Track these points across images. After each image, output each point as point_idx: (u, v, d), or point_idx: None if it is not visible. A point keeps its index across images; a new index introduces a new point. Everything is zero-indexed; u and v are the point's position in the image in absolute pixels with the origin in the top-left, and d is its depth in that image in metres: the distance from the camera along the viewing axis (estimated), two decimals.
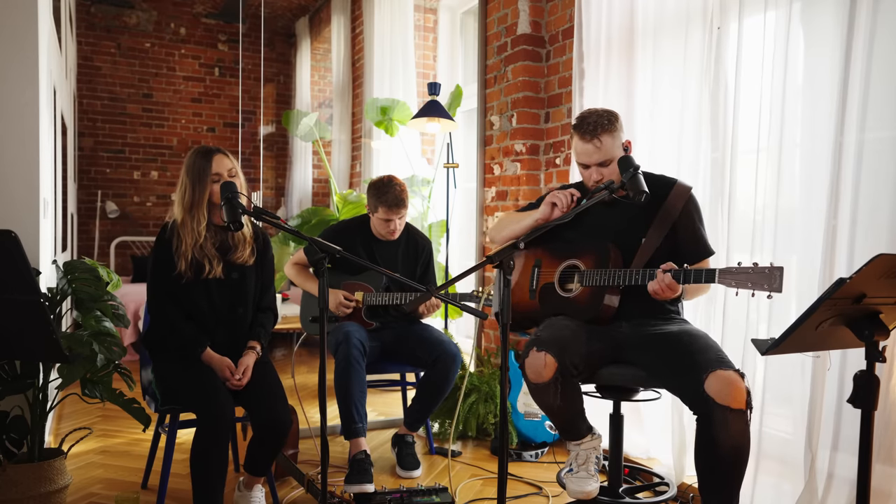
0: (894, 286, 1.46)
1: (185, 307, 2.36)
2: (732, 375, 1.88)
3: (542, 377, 2.05)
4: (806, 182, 2.26)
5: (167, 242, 2.34)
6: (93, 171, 6.45)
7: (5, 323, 1.73)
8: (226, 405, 2.16)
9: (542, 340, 2.08)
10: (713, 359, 1.94)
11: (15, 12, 2.51)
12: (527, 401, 3.21)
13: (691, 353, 2.00)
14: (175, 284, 2.34)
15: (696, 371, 1.92)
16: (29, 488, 2.20)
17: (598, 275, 2.16)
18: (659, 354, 2.08)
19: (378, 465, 2.95)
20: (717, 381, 1.87)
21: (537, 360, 2.05)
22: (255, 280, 2.48)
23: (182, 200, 2.33)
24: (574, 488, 2.16)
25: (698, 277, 1.94)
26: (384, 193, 2.88)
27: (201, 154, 2.33)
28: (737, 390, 1.85)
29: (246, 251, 2.43)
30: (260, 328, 2.48)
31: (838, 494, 2.13)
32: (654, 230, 2.19)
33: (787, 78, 2.28)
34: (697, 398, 1.91)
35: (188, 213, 2.32)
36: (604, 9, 3.08)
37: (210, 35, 6.81)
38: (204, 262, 2.34)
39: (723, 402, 1.85)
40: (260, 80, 6.37)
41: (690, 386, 1.93)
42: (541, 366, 2.04)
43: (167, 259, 2.33)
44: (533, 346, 2.07)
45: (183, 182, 2.34)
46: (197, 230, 2.32)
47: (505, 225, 2.48)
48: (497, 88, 3.85)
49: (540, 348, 2.05)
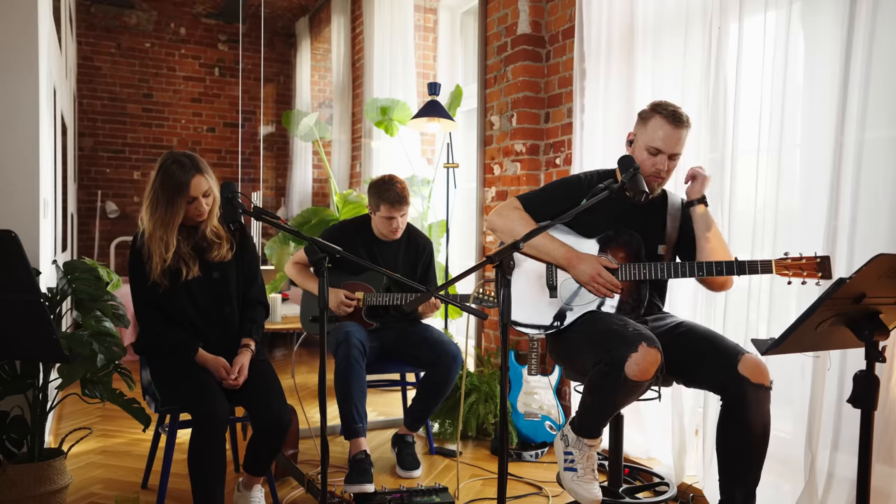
0: (894, 286, 1.46)
1: (171, 314, 2.34)
2: (758, 358, 1.97)
3: (648, 374, 1.93)
4: (806, 182, 2.26)
5: (138, 253, 2.31)
6: (93, 171, 6.44)
7: (5, 323, 1.73)
8: (220, 405, 2.15)
9: (647, 336, 1.97)
10: (734, 344, 2.05)
11: (15, 12, 2.51)
12: (527, 401, 3.21)
13: (713, 340, 2.08)
14: (154, 293, 2.31)
15: (727, 355, 1.99)
16: (29, 488, 2.20)
17: (638, 268, 2.15)
18: (683, 345, 2.11)
19: (378, 465, 2.95)
20: (750, 363, 1.96)
21: (650, 355, 1.92)
22: (238, 275, 2.46)
23: (152, 214, 2.26)
24: (583, 493, 2.11)
25: (754, 269, 2.01)
26: (386, 191, 2.88)
27: (178, 166, 2.25)
28: (765, 371, 1.97)
29: (223, 248, 2.39)
30: (251, 323, 2.46)
31: (838, 494, 2.13)
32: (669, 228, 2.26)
33: (787, 78, 2.28)
34: (730, 380, 1.96)
35: (157, 229, 2.26)
36: (604, 9, 3.08)
37: (210, 35, 6.81)
38: (180, 265, 2.31)
39: (757, 381, 1.94)
40: (260, 80, 6.37)
41: (722, 370, 1.98)
42: (652, 362, 1.93)
43: (141, 270, 2.30)
44: (641, 340, 1.94)
45: (155, 193, 2.26)
46: (165, 246, 2.27)
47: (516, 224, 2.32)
48: (497, 88, 3.84)
49: (650, 343, 1.94)
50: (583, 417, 2.13)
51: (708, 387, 2.10)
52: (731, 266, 2.03)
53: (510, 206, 2.33)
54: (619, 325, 2.06)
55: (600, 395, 2.04)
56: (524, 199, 2.35)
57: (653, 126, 2.17)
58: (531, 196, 2.38)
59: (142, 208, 2.32)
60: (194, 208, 2.30)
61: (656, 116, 2.17)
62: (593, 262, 2.16)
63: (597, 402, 2.06)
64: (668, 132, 2.14)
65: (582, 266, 2.16)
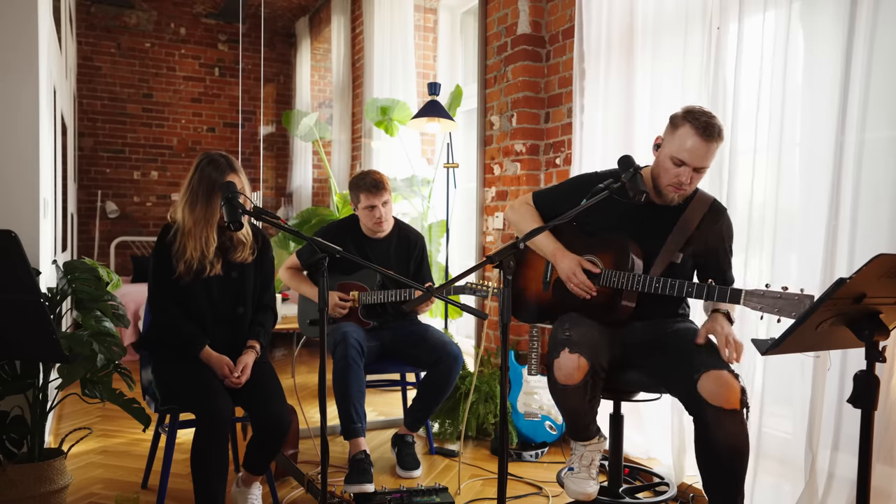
0: (894, 286, 1.46)
1: (186, 307, 2.36)
2: (725, 375, 1.86)
3: (573, 379, 1.99)
4: (806, 182, 2.26)
5: (168, 246, 2.34)
6: (93, 171, 6.44)
7: (5, 323, 1.73)
8: (223, 404, 2.16)
9: (574, 341, 2.01)
10: (706, 359, 1.92)
11: (15, 12, 2.51)
12: (527, 401, 3.21)
13: (688, 352, 1.99)
14: (175, 286, 2.34)
15: (689, 371, 1.91)
16: (29, 488, 2.20)
17: (619, 277, 2.09)
18: (661, 356, 2.08)
19: (378, 465, 2.95)
20: (710, 382, 1.86)
21: (570, 361, 1.99)
22: (255, 279, 2.49)
23: (191, 211, 2.30)
24: (574, 488, 2.15)
25: (722, 296, 1.90)
26: (361, 180, 2.92)
27: (214, 166, 2.30)
28: (730, 390, 1.84)
29: (246, 251, 2.43)
30: (259, 327, 2.48)
31: (838, 494, 2.12)
32: (673, 237, 2.15)
33: (786, 78, 2.28)
34: (691, 399, 1.90)
35: (196, 226, 2.31)
36: (604, 9, 3.08)
37: (210, 35, 6.81)
38: (205, 263, 2.34)
39: (715, 403, 1.84)
40: (260, 80, 6.37)
41: (685, 387, 1.92)
42: (573, 367, 1.98)
43: (167, 261, 2.33)
44: (564, 346, 2.00)
45: (192, 191, 2.31)
46: (205, 242, 2.31)
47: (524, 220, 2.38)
48: (497, 88, 3.85)
49: (573, 349, 1.99)
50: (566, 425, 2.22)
51: (681, 402, 2.02)
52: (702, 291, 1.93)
53: (522, 202, 2.43)
54: (562, 329, 2.10)
55: (560, 407, 2.14)
56: (537, 196, 2.43)
57: (681, 135, 2.02)
58: (544, 193, 2.45)
59: (176, 205, 2.37)
60: None
61: (687, 125, 2.01)
62: (573, 262, 2.18)
63: (563, 412, 2.17)
64: (697, 144, 1.99)
65: (563, 263, 2.20)
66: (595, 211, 2.01)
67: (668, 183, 2.08)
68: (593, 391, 2.05)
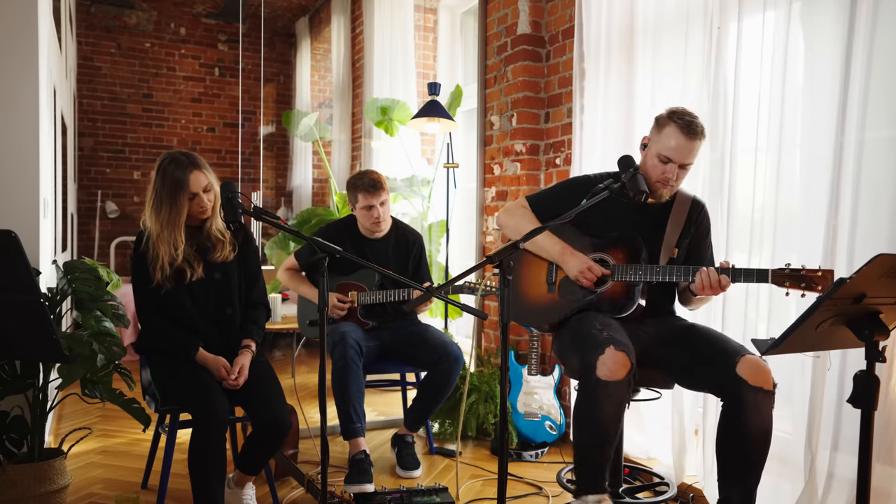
0: (894, 286, 1.46)
1: (172, 314, 2.34)
2: (759, 360, 1.95)
3: (618, 375, 1.95)
4: (806, 182, 2.26)
5: (143, 255, 2.31)
6: (93, 171, 6.44)
7: (5, 323, 1.73)
8: (220, 404, 2.16)
9: (617, 339, 2.01)
10: (737, 346, 2.03)
11: (15, 12, 2.51)
12: (527, 401, 3.21)
13: (715, 342, 2.07)
14: (156, 294, 2.31)
15: (726, 356, 1.98)
16: (29, 488, 2.20)
17: (635, 270, 2.15)
18: (684, 347, 2.12)
19: (378, 465, 2.95)
20: (749, 365, 1.94)
21: (617, 357, 1.96)
22: (239, 276, 2.46)
23: (157, 215, 2.26)
24: None
25: (749, 277, 2.00)
26: (359, 180, 2.92)
27: (176, 165, 2.26)
28: (766, 373, 1.94)
29: (226, 249, 2.39)
30: (252, 325, 2.46)
31: (838, 494, 2.13)
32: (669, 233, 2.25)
33: (786, 78, 2.28)
34: (728, 382, 1.95)
35: (164, 230, 2.26)
36: (604, 9, 3.08)
37: (210, 35, 6.81)
38: (184, 266, 2.31)
39: (755, 384, 1.92)
40: (260, 80, 6.37)
41: (721, 371, 1.98)
42: (620, 364, 1.96)
43: (145, 271, 2.30)
44: (609, 343, 1.98)
45: (157, 193, 2.26)
46: (174, 245, 2.27)
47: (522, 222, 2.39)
48: (497, 88, 3.85)
49: (618, 347, 1.98)
50: (580, 468, 2.04)
51: (708, 389, 2.10)
52: (728, 273, 2.01)
53: (518, 205, 2.45)
54: (596, 329, 2.09)
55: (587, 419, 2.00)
56: (532, 199, 2.45)
57: (667, 134, 2.16)
58: (539, 196, 2.47)
59: (144, 211, 2.32)
60: (196, 205, 2.30)
61: (671, 125, 2.15)
62: (583, 260, 2.23)
63: (587, 432, 2.01)
64: (681, 142, 2.13)
65: (573, 262, 2.24)
66: (594, 211, 2.05)
67: (657, 179, 2.20)
68: (629, 392, 2.05)
